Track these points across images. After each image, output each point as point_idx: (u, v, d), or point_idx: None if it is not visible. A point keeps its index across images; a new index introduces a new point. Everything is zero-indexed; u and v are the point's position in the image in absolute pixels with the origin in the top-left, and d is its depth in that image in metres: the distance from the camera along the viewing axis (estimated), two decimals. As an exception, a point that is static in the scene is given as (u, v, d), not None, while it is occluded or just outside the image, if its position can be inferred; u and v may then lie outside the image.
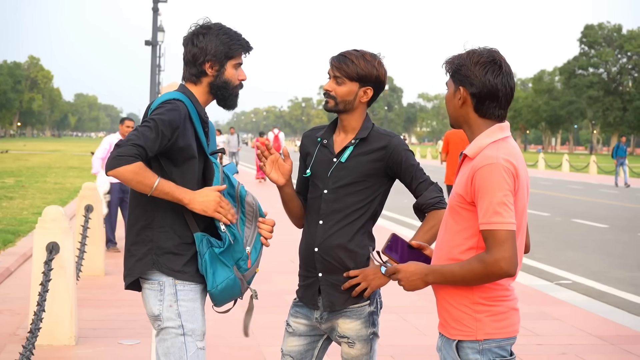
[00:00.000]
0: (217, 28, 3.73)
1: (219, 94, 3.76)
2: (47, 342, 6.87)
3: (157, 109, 3.58)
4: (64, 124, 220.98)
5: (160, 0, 34.56)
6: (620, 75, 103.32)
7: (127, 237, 3.72)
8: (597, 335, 7.70)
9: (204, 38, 3.71)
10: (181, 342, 3.63)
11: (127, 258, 3.70)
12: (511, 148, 3.11)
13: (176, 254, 3.61)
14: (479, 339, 3.09)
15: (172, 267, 3.61)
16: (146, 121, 3.53)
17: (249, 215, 3.73)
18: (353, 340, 3.80)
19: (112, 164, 3.42)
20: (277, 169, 3.83)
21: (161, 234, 3.62)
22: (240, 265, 3.67)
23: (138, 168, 3.43)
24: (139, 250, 3.65)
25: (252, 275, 3.75)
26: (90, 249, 10.18)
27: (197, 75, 3.74)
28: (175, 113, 3.56)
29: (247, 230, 3.71)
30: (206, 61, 3.71)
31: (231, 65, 3.74)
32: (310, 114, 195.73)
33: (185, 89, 3.74)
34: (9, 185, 24.88)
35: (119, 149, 3.43)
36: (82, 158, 51.25)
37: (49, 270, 6.33)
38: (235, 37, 3.74)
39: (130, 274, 3.68)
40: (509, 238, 2.98)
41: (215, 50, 3.69)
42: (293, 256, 11.36)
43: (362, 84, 3.79)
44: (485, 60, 3.12)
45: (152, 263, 3.61)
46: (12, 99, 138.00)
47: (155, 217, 3.62)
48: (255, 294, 3.79)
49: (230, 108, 3.82)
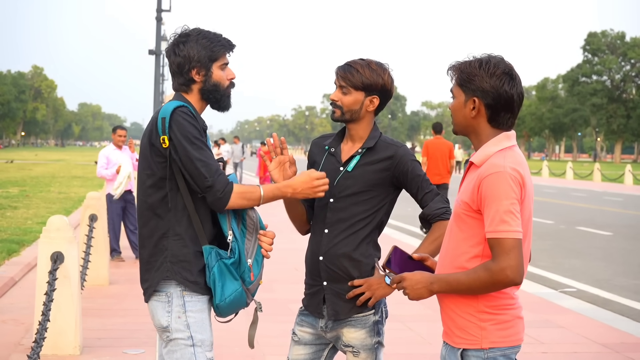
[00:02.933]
0: (196, 33, 3.73)
1: (211, 97, 3.76)
2: (52, 352, 6.88)
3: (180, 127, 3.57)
4: (67, 134, 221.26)
5: (163, 10, 34.61)
6: (624, 83, 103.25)
7: (144, 249, 3.70)
8: (602, 343, 7.68)
9: (184, 46, 3.71)
10: (191, 353, 3.62)
11: (147, 270, 3.68)
12: (517, 157, 3.11)
13: (190, 263, 3.62)
14: (484, 348, 3.09)
15: (186, 276, 3.61)
16: (191, 143, 3.55)
17: (249, 227, 3.72)
18: (358, 350, 3.79)
19: (220, 205, 3.56)
20: (281, 170, 3.84)
21: (176, 242, 3.62)
22: (244, 279, 3.67)
23: (239, 191, 3.58)
24: (157, 260, 3.65)
25: (256, 288, 3.75)
26: (95, 258, 10.18)
27: (186, 84, 3.74)
28: (192, 120, 3.60)
29: (247, 242, 3.70)
30: (192, 68, 3.71)
31: (217, 67, 3.73)
32: (314, 123, 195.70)
33: (183, 99, 3.74)
34: (13, 195, 24.90)
35: (213, 188, 3.53)
36: (86, 167, 51.31)
37: (54, 279, 6.34)
38: (215, 39, 3.73)
39: (151, 285, 3.66)
40: (515, 246, 2.98)
41: (198, 56, 3.69)
42: (297, 265, 11.39)
43: (368, 93, 3.79)
44: (502, 72, 3.12)
45: (167, 271, 3.62)
46: (15, 108, 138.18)
47: (170, 227, 3.63)
48: (259, 306, 3.78)
49: (225, 110, 3.81)
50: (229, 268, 3.61)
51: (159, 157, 3.62)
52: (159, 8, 33.88)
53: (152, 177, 3.65)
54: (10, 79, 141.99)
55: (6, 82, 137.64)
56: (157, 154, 3.62)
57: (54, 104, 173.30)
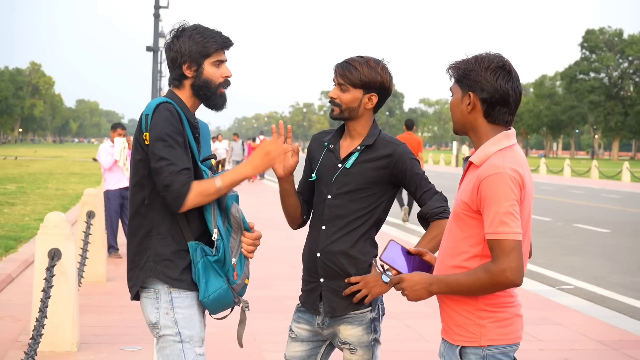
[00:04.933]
0: (192, 29, 3.70)
1: (202, 94, 3.71)
2: (49, 349, 6.87)
3: (156, 124, 3.54)
4: (65, 130, 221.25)
5: (161, 6, 34.59)
6: (622, 80, 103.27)
7: (129, 248, 3.71)
8: (600, 340, 7.69)
9: (178, 41, 3.69)
10: (179, 349, 3.62)
11: (131, 269, 3.68)
12: (517, 156, 3.10)
13: (173, 261, 3.60)
14: (482, 345, 3.08)
15: (169, 274, 3.60)
16: (162, 140, 3.51)
17: (234, 226, 3.68)
18: (354, 347, 3.79)
19: (176, 205, 3.50)
20: (282, 160, 3.82)
21: (159, 241, 3.61)
22: (228, 277, 3.66)
23: (197, 190, 3.51)
24: (141, 259, 3.64)
25: (242, 287, 3.72)
26: (92, 255, 10.17)
27: (178, 78, 3.72)
28: (171, 118, 3.55)
29: (232, 241, 3.68)
30: (183, 63, 3.68)
31: (209, 63, 3.69)
32: (312, 120, 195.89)
33: (173, 94, 3.72)
34: (11, 192, 24.88)
35: (169, 188, 3.48)
36: (84, 164, 51.29)
37: (51, 276, 6.33)
38: (209, 35, 3.70)
39: (135, 284, 3.67)
40: (515, 248, 2.97)
41: (190, 51, 3.66)
42: (295, 262, 11.39)
43: (366, 90, 3.79)
44: (496, 65, 3.12)
45: (150, 270, 3.61)
46: (13, 105, 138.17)
47: (153, 225, 3.61)
48: (246, 305, 3.74)
49: (217, 108, 3.76)
50: (213, 265, 3.60)
51: (142, 155, 3.60)
52: (157, 4, 33.90)
53: (136, 175, 3.64)
54: (7, 75, 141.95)
55: (4, 78, 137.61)
56: (140, 151, 3.60)
57: (52, 101, 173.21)
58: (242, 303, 3.73)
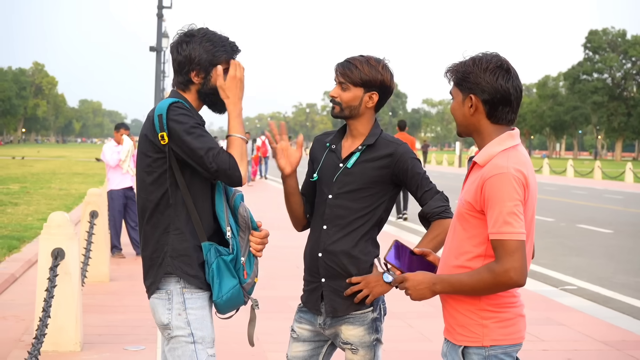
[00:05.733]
0: (201, 35, 3.70)
1: (208, 100, 3.75)
2: (52, 348, 6.88)
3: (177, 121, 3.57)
4: (68, 130, 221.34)
5: (164, 7, 34.61)
6: (625, 81, 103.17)
7: (147, 247, 3.69)
8: (603, 341, 7.68)
9: (187, 46, 3.69)
10: (192, 350, 3.62)
11: (150, 267, 3.68)
12: (521, 157, 3.10)
13: (190, 256, 3.62)
14: (485, 345, 3.09)
15: (187, 270, 3.61)
16: (190, 134, 3.55)
17: (241, 225, 3.71)
18: (356, 347, 3.79)
19: (236, 179, 3.56)
20: (286, 156, 3.84)
21: (177, 237, 3.63)
22: (239, 276, 3.67)
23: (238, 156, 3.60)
24: (159, 255, 3.65)
25: (252, 285, 3.74)
26: (96, 254, 10.19)
27: (184, 83, 3.73)
28: (188, 112, 3.60)
29: (241, 240, 3.70)
30: (191, 70, 3.69)
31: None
32: (315, 120, 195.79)
33: (179, 95, 3.74)
34: (14, 191, 24.91)
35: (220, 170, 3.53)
36: (87, 164, 51.32)
37: (54, 276, 6.34)
38: (219, 44, 3.71)
39: (155, 281, 3.67)
40: (519, 248, 2.97)
41: (199, 59, 3.67)
42: (298, 262, 11.37)
43: (366, 89, 3.79)
44: (495, 65, 3.12)
45: (167, 266, 3.62)
46: (16, 105, 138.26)
47: (170, 222, 3.63)
48: (256, 304, 3.76)
49: (221, 112, 3.80)
50: (228, 265, 3.61)
51: (158, 154, 3.62)
52: (160, 4, 33.88)
53: (152, 174, 3.65)
54: (11, 75, 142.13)
55: (7, 78, 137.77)
56: (156, 151, 3.62)
57: (55, 101, 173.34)
58: (252, 302, 3.75)
